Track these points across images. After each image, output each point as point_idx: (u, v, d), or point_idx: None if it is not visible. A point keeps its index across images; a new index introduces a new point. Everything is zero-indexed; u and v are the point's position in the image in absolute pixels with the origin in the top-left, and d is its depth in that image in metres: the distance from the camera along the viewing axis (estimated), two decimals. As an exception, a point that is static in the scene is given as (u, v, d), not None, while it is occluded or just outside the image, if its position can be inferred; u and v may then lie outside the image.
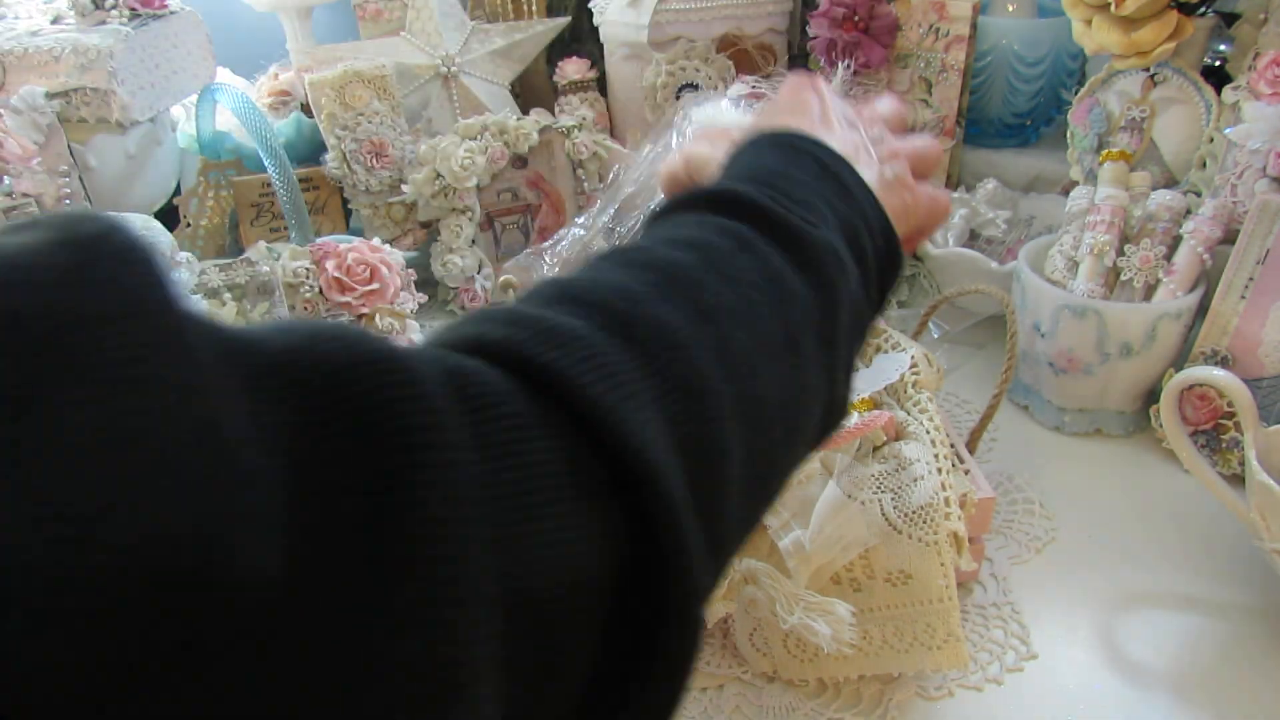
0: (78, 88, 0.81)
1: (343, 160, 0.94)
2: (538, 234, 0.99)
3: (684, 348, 0.28)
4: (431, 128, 1.04)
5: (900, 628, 0.52)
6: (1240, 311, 0.69)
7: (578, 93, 1.08)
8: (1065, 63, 0.95)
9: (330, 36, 1.13)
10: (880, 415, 0.57)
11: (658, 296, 0.29)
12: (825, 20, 0.93)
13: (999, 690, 0.53)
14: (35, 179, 0.76)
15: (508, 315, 0.27)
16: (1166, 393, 0.61)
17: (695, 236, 0.34)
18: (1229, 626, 0.57)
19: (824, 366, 0.35)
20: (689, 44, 1.00)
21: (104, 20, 0.85)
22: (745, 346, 0.31)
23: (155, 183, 0.93)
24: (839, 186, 0.39)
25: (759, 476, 0.31)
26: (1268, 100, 0.73)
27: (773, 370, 0.32)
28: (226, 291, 0.72)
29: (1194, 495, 0.67)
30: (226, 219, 0.96)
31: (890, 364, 0.62)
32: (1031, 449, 0.74)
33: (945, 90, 0.92)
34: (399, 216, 0.97)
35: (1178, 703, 0.52)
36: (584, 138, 0.97)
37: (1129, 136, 0.82)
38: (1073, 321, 0.70)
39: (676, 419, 0.27)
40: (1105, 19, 0.78)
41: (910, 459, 0.56)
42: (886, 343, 0.64)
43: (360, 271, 0.78)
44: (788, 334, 0.33)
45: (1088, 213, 0.74)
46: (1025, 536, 0.65)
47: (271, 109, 1.00)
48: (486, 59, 1.07)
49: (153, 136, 0.91)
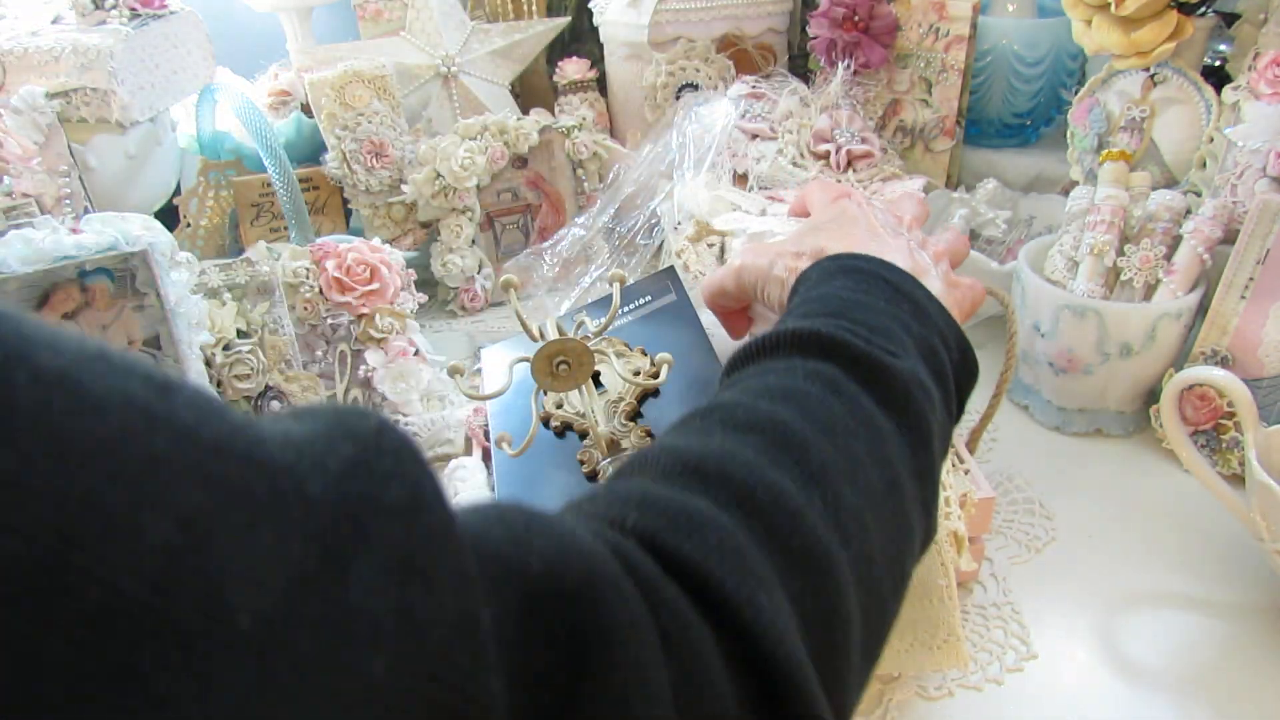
0: (78, 88, 0.81)
1: (343, 160, 0.94)
2: (538, 234, 0.99)
3: (801, 515, 0.29)
4: (431, 128, 1.04)
5: (900, 627, 0.52)
6: (1240, 311, 0.69)
7: (578, 93, 1.08)
8: (1065, 63, 0.95)
9: (330, 36, 1.13)
10: None
11: (769, 462, 0.31)
12: (825, 20, 0.93)
13: (999, 690, 0.53)
14: (35, 179, 0.76)
15: (641, 497, 0.29)
16: (1166, 393, 0.61)
17: (787, 386, 0.35)
18: (1229, 626, 0.57)
19: (920, 502, 0.35)
20: (689, 44, 1.00)
21: (104, 20, 0.85)
22: (853, 503, 0.31)
23: (155, 183, 0.93)
24: (912, 306, 0.40)
25: (874, 633, 0.32)
26: (1268, 100, 0.73)
27: (879, 520, 0.32)
28: (226, 291, 0.72)
29: (1194, 495, 0.67)
30: (226, 219, 0.96)
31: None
32: (1031, 449, 0.74)
33: (945, 90, 0.92)
34: (399, 216, 0.97)
35: (1178, 703, 0.52)
36: (584, 138, 0.97)
37: (1129, 136, 0.82)
38: (1073, 321, 0.70)
39: (802, 595, 0.28)
40: (1105, 19, 0.78)
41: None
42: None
43: (360, 271, 0.78)
44: (887, 479, 0.33)
45: (1088, 213, 0.74)
46: (1025, 536, 0.65)
47: (271, 109, 1.00)
48: (486, 59, 1.07)
49: (153, 136, 0.91)
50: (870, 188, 0.88)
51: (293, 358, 0.74)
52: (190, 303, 0.62)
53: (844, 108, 0.91)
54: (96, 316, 0.60)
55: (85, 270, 0.58)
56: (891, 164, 0.90)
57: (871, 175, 0.89)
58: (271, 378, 0.72)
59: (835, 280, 0.41)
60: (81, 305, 0.59)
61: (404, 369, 0.78)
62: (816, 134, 0.90)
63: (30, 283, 0.57)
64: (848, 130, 0.90)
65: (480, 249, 0.97)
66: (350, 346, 0.78)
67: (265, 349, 0.72)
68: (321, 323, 0.77)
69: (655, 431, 0.57)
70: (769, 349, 0.38)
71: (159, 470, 0.16)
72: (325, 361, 0.77)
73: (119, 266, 0.59)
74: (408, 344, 0.79)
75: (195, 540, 0.16)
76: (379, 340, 0.79)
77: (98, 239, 0.57)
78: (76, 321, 0.59)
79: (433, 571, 0.19)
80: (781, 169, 0.88)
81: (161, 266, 0.59)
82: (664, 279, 0.68)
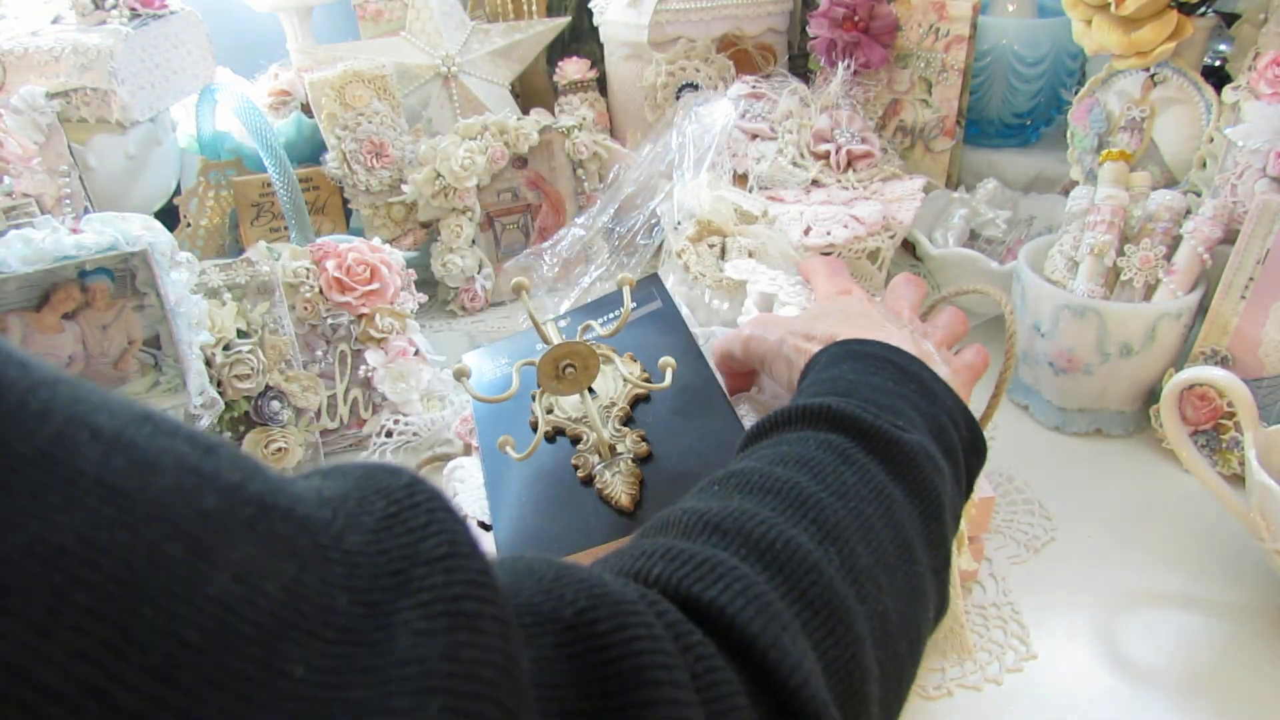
0: (78, 88, 0.81)
1: (343, 160, 0.94)
2: (538, 234, 0.99)
3: (819, 568, 0.30)
4: (431, 128, 1.05)
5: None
6: (1240, 311, 0.69)
7: (578, 93, 1.08)
8: (1065, 63, 0.95)
9: (330, 36, 1.13)
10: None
11: (786, 521, 0.32)
12: (825, 20, 0.93)
13: (999, 690, 0.53)
14: (35, 179, 0.76)
15: (665, 551, 0.29)
16: (1166, 393, 0.61)
17: (800, 454, 0.36)
18: (1229, 626, 0.57)
19: (933, 570, 0.36)
20: (689, 44, 1.00)
21: (104, 20, 0.85)
22: (867, 562, 0.32)
23: (155, 183, 0.93)
24: (919, 386, 0.42)
25: (892, 691, 0.33)
26: (1268, 100, 0.73)
27: (893, 582, 0.33)
28: (226, 291, 0.72)
29: (1194, 495, 0.67)
30: (226, 219, 0.96)
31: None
32: (1031, 449, 0.74)
33: (945, 90, 0.92)
34: (399, 216, 0.97)
35: (1178, 703, 0.52)
36: (584, 138, 0.97)
37: (1129, 136, 0.82)
38: (1073, 321, 0.70)
39: (823, 643, 0.29)
40: (1105, 19, 0.78)
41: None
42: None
43: (360, 271, 0.78)
44: (900, 543, 0.35)
45: (1088, 213, 0.74)
46: (1025, 536, 0.65)
47: (271, 109, 1.00)
48: (486, 59, 1.07)
49: (153, 136, 0.91)
50: (870, 188, 0.88)
51: (293, 358, 0.74)
52: (190, 303, 0.62)
53: (844, 108, 0.91)
54: (96, 316, 0.60)
55: (85, 270, 0.58)
56: (891, 164, 0.90)
57: (871, 175, 0.89)
58: (271, 378, 0.72)
59: (844, 364, 0.43)
60: (81, 305, 0.59)
61: (404, 369, 0.78)
62: (816, 134, 0.90)
63: (30, 283, 0.57)
64: (848, 130, 0.90)
65: (480, 249, 0.97)
66: (350, 346, 0.78)
67: (265, 349, 0.72)
68: (321, 323, 0.77)
69: (649, 437, 0.58)
70: (782, 423, 0.39)
71: (212, 526, 0.17)
72: (325, 361, 0.77)
73: (119, 266, 0.59)
74: (408, 344, 0.79)
75: (249, 592, 0.17)
76: (379, 340, 0.79)
77: (98, 239, 0.57)
78: (76, 321, 0.59)
79: (477, 616, 0.20)
80: (781, 169, 0.88)
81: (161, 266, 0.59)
82: (648, 285, 0.68)
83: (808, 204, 0.85)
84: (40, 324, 0.58)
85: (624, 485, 0.56)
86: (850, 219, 0.81)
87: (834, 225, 0.81)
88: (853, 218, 0.81)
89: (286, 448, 0.72)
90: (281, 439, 0.72)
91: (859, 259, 0.82)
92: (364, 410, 0.77)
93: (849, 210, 0.82)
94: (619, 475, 0.56)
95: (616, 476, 0.56)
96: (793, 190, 0.87)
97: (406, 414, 0.77)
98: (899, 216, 0.83)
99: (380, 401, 0.78)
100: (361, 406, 0.77)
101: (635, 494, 0.55)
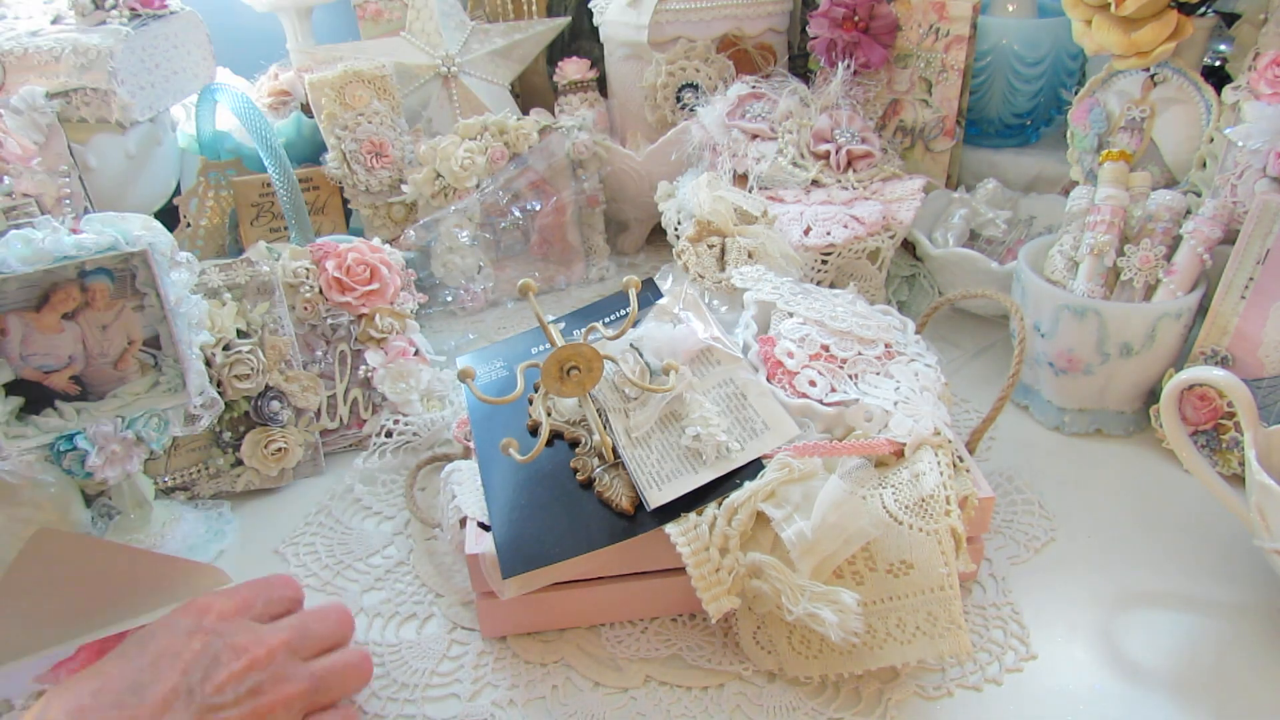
0: (78, 88, 0.81)
1: (343, 160, 0.94)
2: (538, 234, 0.99)
3: None
4: (431, 128, 1.05)
5: (903, 618, 0.52)
6: (1240, 311, 0.69)
7: (578, 93, 1.08)
8: (1065, 63, 0.95)
9: (330, 36, 1.13)
10: (882, 443, 0.56)
11: None
12: (825, 20, 0.93)
13: (998, 690, 0.53)
14: (35, 179, 0.76)
15: None
16: (1166, 393, 0.61)
17: None
18: (1229, 626, 0.57)
19: None
20: (689, 44, 1.00)
21: (104, 20, 0.85)
22: None
23: (155, 183, 0.93)
24: None
25: None
26: (1268, 100, 0.73)
27: None
28: (226, 291, 0.72)
29: (1194, 495, 0.67)
30: (226, 219, 0.96)
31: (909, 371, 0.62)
32: (1031, 449, 0.74)
33: (945, 90, 0.92)
34: (399, 216, 0.97)
35: (1178, 703, 0.52)
36: (584, 138, 0.97)
37: (1129, 136, 0.82)
38: (1073, 321, 0.70)
39: None
40: (1105, 19, 0.78)
41: (913, 461, 0.56)
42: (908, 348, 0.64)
43: (360, 271, 0.78)
44: None
45: (1088, 213, 0.74)
46: (1025, 536, 0.65)
47: (271, 109, 1.00)
48: (486, 59, 1.07)
49: (153, 136, 0.91)
50: (870, 188, 0.88)
51: (293, 358, 0.74)
52: (190, 303, 0.62)
53: (844, 108, 0.91)
54: (96, 316, 0.59)
55: (85, 270, 0.58)
56: (891, 164, 0.90)
57: (871, 175, 0.89)
58: (271, 378, 0.72)
59: None
60: (81, 305, 0.59)
61: (404, 369, 0.78)
62: (816, 134, 0.90)
63: (30, 283, 0.57)
64: (848, 130, 0.90)
65: (480, 249, 0.97)
66: (350, 346, 0.78)
67: (265, 349, 0.72)
68: (321, 323, 0.77)
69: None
70: None
71: None
72: (325, 361, 0.77)
73: (119, 266, 0.59)
74: (408, 344, 0.79)
75: None
76: (379, 340, 0.79)
77: (98, 239, 0.57)
78: (76, 321, 0.59)
79: None
80: (781, 169, 0.88)
81: (161, 266, 0.59)
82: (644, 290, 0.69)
83: (808, 204, 0.85)
84: (40, 324, 0.58)
85: (625, 488, 0.55)
86: (850, 219, 0.81)
87: (834, 225, 0.81)
88: (853, 218, 0.81)
89: (286, 448, 0.72)
90: (281, 439, 0.72)
91: (859, 259, 0.82)
92: (364, 410, 0.77)
93: (849, 210, 0.82)
94: (619, 478, 0.56)
95: (617, 480, 0.56)
96: (793, 190, 0.87)
97: (406, 414, 0.77)
98: (899, 216, 0.83)
99: (380, 401, 0.78)
100: (361, 406, 0.77)
101: (635, 497, 0.55)
